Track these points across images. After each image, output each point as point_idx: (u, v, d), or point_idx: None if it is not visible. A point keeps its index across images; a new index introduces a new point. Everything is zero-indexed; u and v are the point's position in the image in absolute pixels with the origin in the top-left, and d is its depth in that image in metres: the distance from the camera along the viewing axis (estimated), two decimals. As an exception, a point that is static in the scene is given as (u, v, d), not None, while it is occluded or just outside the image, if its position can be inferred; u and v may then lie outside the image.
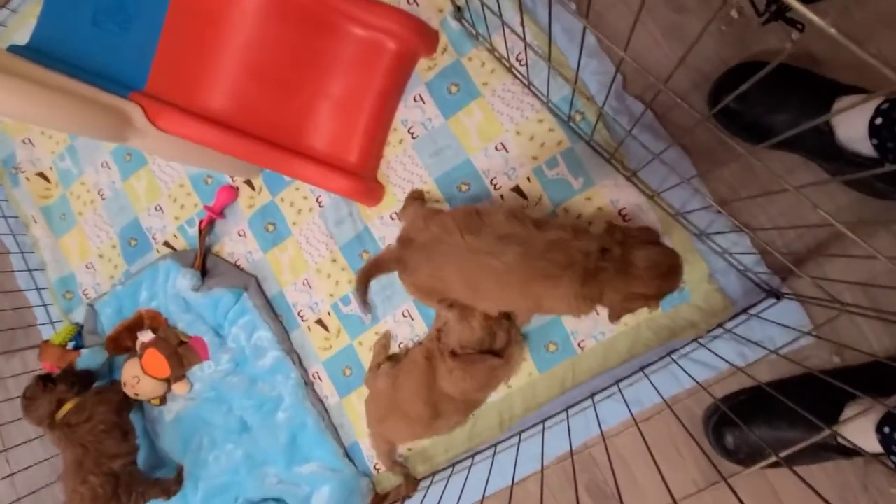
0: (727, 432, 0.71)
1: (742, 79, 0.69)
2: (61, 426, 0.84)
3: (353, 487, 0.87)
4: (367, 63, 0.82)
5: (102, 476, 0.82)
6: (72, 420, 0.84)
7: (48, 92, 0.65)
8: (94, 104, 0.70)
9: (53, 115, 0.67)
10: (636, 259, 0.62)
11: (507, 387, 0.83)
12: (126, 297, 0.99)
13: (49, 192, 1.11)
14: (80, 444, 0.82)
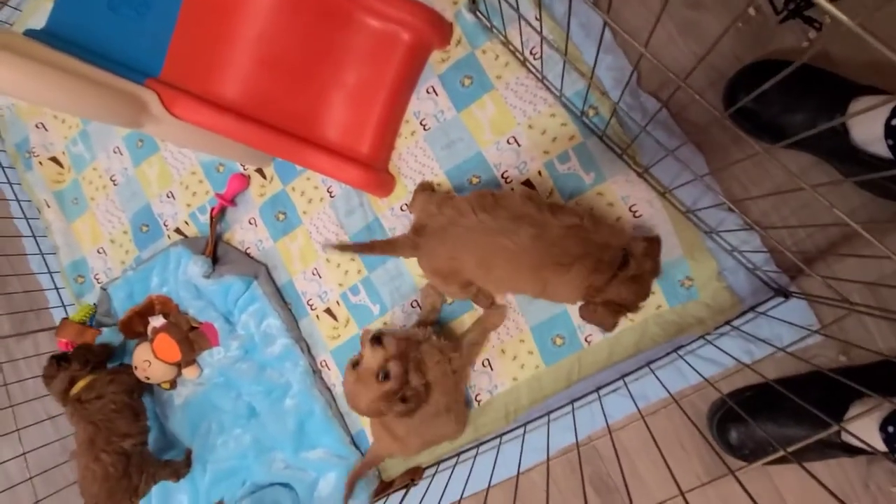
0: (731, 428, 0.72)
1: (757, 77, 0.69)
2: (73, 402, 0.85)
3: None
4: (380, 54, 0.82)
5: (114, 455, 0.83)
6: (83, 396, 0.85)
7: (65, 76, 0.66)
8: (110, 89, 0.71)
9: (69, 99, 0.68)
10: (646, 274, 0.63)
11: (513, 379, 0.83)
12: (137, 283, 1.00)
13: (62, 176, 1.11)
14: (92, 422, 0.84)
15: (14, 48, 0.63)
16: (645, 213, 0.76)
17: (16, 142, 1.14)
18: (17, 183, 1.15)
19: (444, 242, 0.69)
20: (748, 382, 0.75)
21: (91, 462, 0.83)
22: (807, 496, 0.73)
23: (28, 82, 0.64)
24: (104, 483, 0.83)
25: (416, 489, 0.85)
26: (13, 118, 1.15)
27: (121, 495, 0.85)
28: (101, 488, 0.83)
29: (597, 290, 0.63)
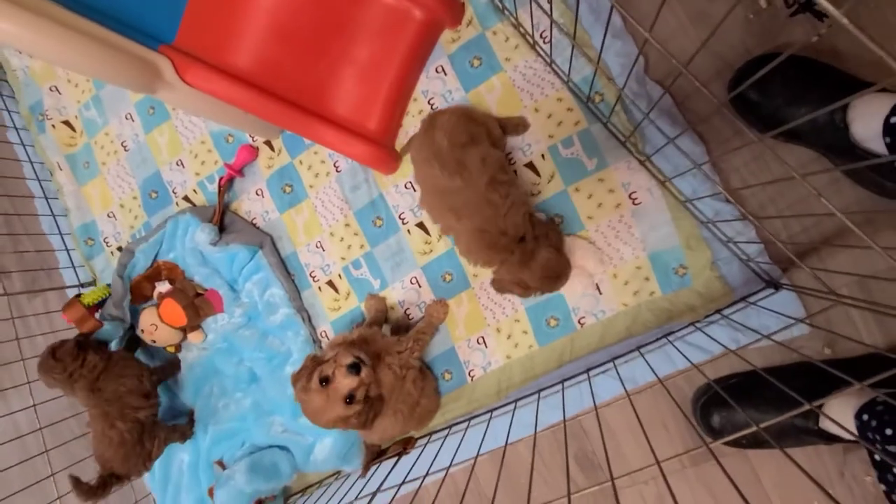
0: (714, 412, 0.74)
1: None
2: (89, 390, 0.87)
3: (353, 441, 0.91)
4: (392, 31, 0.82)
5: (129, 423, 0.87)
6: (103, 386, 0.88)
7: (82, 38, 0.67)
8: (126, 54, 0.72)
9: (84, 60, 0.69)
10: (539, 258, 0.69)
11: (506, 357, 0.86)
12: (146, 252, 1.02)
13: (74, 140, 1.13)
14: (105, 400, 0.87)
15: (30, 6, 0.64)
16: (644, 201, 0.77)
17: (30, 104, 1.16)
18: (30, 145, 1.17)
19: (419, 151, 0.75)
20: (733, 370, 0.77)
21: (107, 429, 0.86)
22: (784, 481, 0.76)
23: (46, 43, 0.65)
24: (120, 448, 0.87)
25: (408, 457, 0.88)
26: (27, 80, 1.16)
27: (135, 460, 0.89)
28: (116, 453, 0.87)
29: (494, 264, 0.72)
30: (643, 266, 0.78)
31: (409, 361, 0.78)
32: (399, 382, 0.75)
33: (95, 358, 0.88)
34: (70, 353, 0.87)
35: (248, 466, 0.90)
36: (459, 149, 0.70)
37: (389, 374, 0.74)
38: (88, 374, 0.86)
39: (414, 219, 0.89)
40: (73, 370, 0.86)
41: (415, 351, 0.80)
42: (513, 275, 0.70)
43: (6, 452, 1.02)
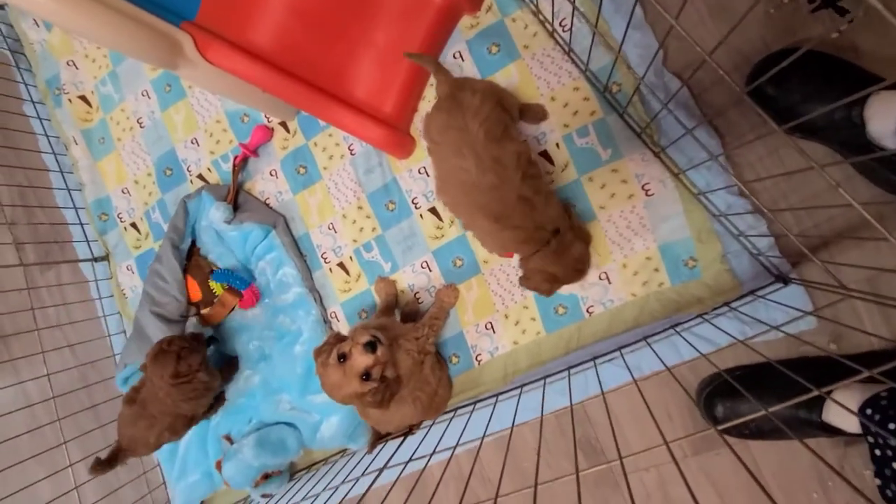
0: (718, 402, 0.75)
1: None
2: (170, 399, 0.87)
3: (359, 420, 0.93)
4: (411, 15, 0.83)
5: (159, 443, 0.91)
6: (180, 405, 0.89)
7: (109, 11, 0.68)
8: (149, 29, 0.73)
9: (112, 34, 0.69)
10: (574, 250, 0.68)
11: (513, 343, 0.87)
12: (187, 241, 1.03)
13: (90, 115, 1.14)
14: (162, 412, 0.88)
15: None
16: (657, 192, 0.78)
17: (47, 77, 1.17)
18: (46, 118, 1.18)
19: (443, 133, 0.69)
20: (738, 363, 0.78)
21: (140, 437, 0.89)
22: (784, 472, 0.77)
23: (71, 13, 0.65)
24: (143, 450, 0.91)
25: (413, 438, 0.90)
26: (45, 54, 1.16)
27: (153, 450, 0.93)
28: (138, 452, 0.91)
29: (523, 259, 0.70)
30: (653, 257, 0.79)
31: (426, 347, 0.80)
32: (417, 368, 0.77)
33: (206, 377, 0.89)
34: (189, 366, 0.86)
35: (256, 441, 0.91)
36: (496, 144, 0.65)
37: (408, 359, 0.76)
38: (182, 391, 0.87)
39: (427, 204, 0.90)
40: (183, 373, 0.85)
41: (430, 336, 0.81)
42: (545, 267, 0.68)
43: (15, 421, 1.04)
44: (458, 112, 0.66)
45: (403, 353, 0.76)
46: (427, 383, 0.80)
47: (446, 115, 0.68)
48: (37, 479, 0.98)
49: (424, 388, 0.80)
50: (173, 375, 0.83)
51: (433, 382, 0.81)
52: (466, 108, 0.66)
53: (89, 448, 1.08)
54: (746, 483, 0.80)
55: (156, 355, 0.84)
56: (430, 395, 0.80)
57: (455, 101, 0.68)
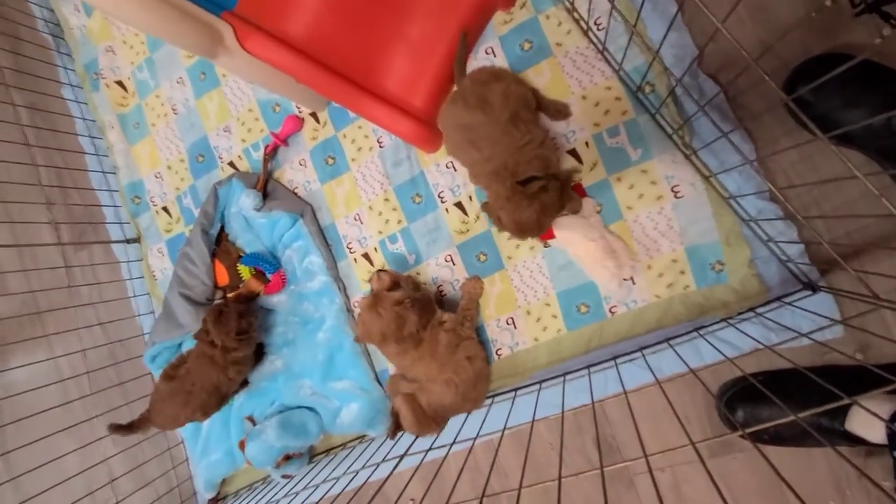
0: (739, 407, 0.75)
1: (823, 70, 0.69)
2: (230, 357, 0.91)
3: (379, 408, 0.95)
4: (445, 9, 0.83)
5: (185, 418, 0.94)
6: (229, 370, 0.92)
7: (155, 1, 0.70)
8: (191, 17, 0.75)
9: (156, 22, 0.71)
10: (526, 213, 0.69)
11: (534, 339, 0.88)
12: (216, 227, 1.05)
13: (126, 100, 1.17)
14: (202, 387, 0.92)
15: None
16: (686, 195, 0.77)
17: (85, 62, 1.20)
18: (83, 102, 1.21)
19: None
20: (760, 367, 0.78)
21: (171, 412, 0.92)
22: (801, 479, 0.77)
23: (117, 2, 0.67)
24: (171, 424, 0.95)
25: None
26: (84, 39, 1.20)
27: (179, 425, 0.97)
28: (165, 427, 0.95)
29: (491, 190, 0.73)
30: (679, 259, 0.79)
31: (461, 330, 0.83)
32: (451, 348, 0.80)
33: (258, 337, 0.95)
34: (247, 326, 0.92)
35: (279, 423, 0.94)
36: (481, 85, 0.74)
37: (444, 336, 0.80)
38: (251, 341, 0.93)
39: (453, 198, 0.91)
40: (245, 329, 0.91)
41: (465, 321, 0.84)
42: (495, 204, 0.71)
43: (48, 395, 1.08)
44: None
45: (440, 329, 0.82)
46: (463, 368, 0.82)
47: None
48: (65, 451, 1.02)
49: (460, 372, 0.82)
50: (238, 332, 0.89)
51: (470, 371, 0.82)
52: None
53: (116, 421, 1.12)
54: (762, 487, 0.80)
55: (218, 315, 0.89)
56: (468, 384, 0.82)
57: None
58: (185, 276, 1.02)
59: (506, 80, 0.76)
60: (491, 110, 0.72)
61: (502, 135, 0.71)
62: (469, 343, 0.83)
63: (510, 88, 0.74)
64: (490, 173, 0.72)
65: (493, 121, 0.71)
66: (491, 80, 0.75)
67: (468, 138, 0.74)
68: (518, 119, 0.72)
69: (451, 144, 0.81)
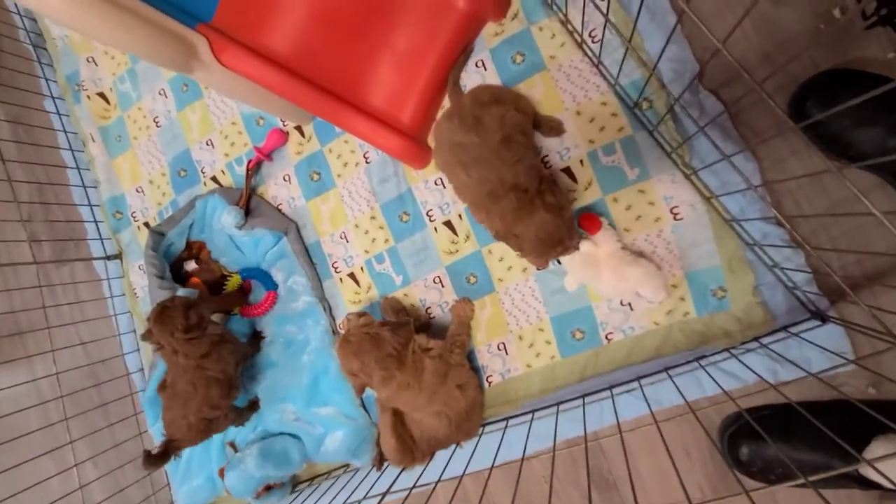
0: (743, 444, 0.71)
1: (832, 86, 0.65)
2: (191, 358, 0.81)
3: (365, 436, 0.91)
4: (433, 21, 0.79)
5: (201, 421, 0.85)
6: (206, 364, 0.83)
7: (121, 13, 0.66)
8: (163, 31, 0.71)
9: (124, 36, 0.67)
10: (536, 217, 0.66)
11: (526, 366, 0.84)
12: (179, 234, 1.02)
13: (108, 112, 1.14)
14: (192, 383, 0.83)
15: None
16: (686, 217, 0.73)
17: (67, 73, 1.17)
18: (65, 114, 1.18)
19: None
20: (766, 401, 0.73)
21: (179, 418, 0.84)
22: (810, 521, 0.72)
23: (79, 13, 0.63)
24: (187, 433, 0.85)
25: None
26: (66, 49, 1.16)
27: (199, 440, 0.88)
28: (184, 434, 0.86)
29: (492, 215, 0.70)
30: (679, 284, 0.74)
31: (450, 357, 0.78)
32: (439, 377, 0.76)
33: (214, 328, 0.84)
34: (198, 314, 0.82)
35: (260, 452, 0.90)
36: (479, 106, 0.71)
37: (430, 363, 0.75)
38: (202, 346, 0.81)
39: (442, 216, 0.87)
40: (192, 336, 0.80)
41: (454, 349, 0.79)
42: (507, 225, 0.68)
43: (28, 417, 1.05)
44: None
45: (425, 356, 0.76)
46: (454, 399, 0.77)
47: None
48: (47, 475, 0.99)
49: (451, 404, 0.77)
50: (185, 330, 0.79)
51: (462, 402, 0.78)
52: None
53: (97, 447, 1.09)
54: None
55: (159, 315, 0.79)
56: (460, 415, 0.77)
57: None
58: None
59: (506, 104, 0.72)
60: (484, 132, 0.69)
61: (493, 155, 0.68)
62: (459, 371, 0.79)
63: (507, 114, 0.70)
64: (487, 195, 0.68)
65: (484, 142, 0.68)
66: (491, 102, 0.72)
67: (459, 159, 0.70)
68: (510, 141, 0.69)
69: (442, 161, 0.78)
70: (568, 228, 0.67)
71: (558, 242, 0.67)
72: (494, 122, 0.69)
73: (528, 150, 0.71)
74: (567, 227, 0.67)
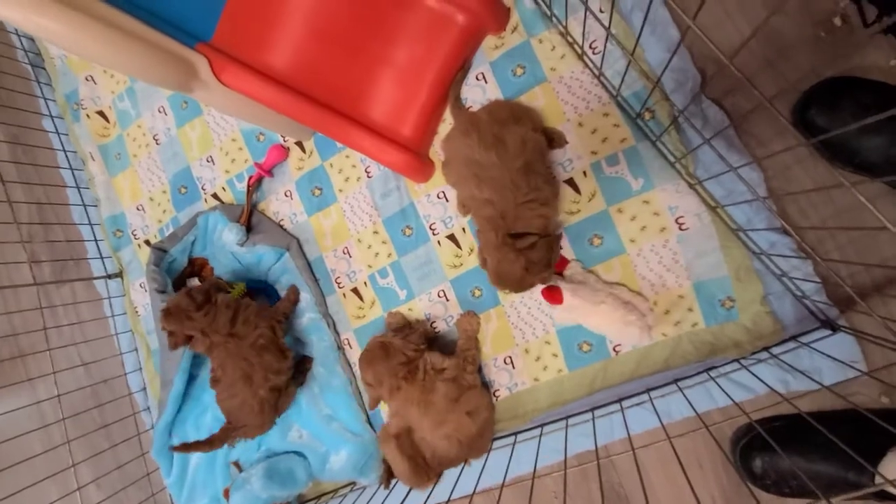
0: (756, 456, 0.70)
1: (835, 94, 0.65)
2: (227, 337, 0.79)
3: (371, 453, 0.89)
4: (433, 35, 0.79)
5: (271, 392, 0.82)
6: (240, 332, 0.80)
7: (115, 33, 0.66)
8: (163, 51, 0.71)
9: (118, 57, 0.67)
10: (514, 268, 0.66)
11: (534, 380, 0.83)
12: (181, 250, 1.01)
13: (107, 131, 1.13)
14: (241, 358, 0.80)
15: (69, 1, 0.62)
16: (692, 227, 0.72)
17: (66, 92, 1.16)
18: (64, 133, 1.17)
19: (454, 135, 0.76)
20: (778, 411, 0.72)
21: (249, 397, 0.81)
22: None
23: (77, 36, 0.63)
24: (260, 415, 0.82)
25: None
26: (64, 69, 1.16)
27: (270, 421, 0.86)
28: (255, 418, 0.83)
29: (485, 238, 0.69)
30: (686, 295, 0.74)
31: (463, 379, 0.77)
32: (450, 400, 0.75)
33: (225, 297, 0.82)
34: (202, 291, 0.80)
35: (265, 472, 0.89)
36: (499, 125, 0.70)
37: (442, 386, 0.75)
38: (223, 314, 0.79)
39: (445, 230, 0.86)
40: (208, 310, 0.78)
41: (466, 366, 0.78)
42: (482, 249, 0.69)
43: (31, 441, 1.04)
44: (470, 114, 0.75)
45: (437, 377, 0.76)
46: (465, 426, 0.76)
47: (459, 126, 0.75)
48: (51, 500, 0.97)
49: (461, 430, 0.76)
50: (197, 308, 0.77)
51: (472, 428, 0.76)
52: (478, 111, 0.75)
53: (100, 468, 1.08)
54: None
55: (166, 313, 0.78)
56: (470, 439, 0.76)
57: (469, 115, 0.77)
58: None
59: (525, 124, 0.72)
60: (505, 154, 0.67)
61: (510, 183, 0.66)
62: (471, 395, 0.77)
63: (528, 135, 0.70)
64: (486, 217, 0.68)
65: (505, 165, 0.67)
66: (510, 120, 0.71)
67: (476, 173, 0.69)
68: (530, 170, 0.67)
69: (455, 175, 0.76)
70: (525, 285, 0.69)
71: (511, 289, 0.70)
72: (516, 143, 0.68)
73: (546, 184, 0.69)
74: (525, 285, 0.69)
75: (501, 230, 0.65)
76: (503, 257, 0.65)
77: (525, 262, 0.65)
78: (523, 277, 0.66)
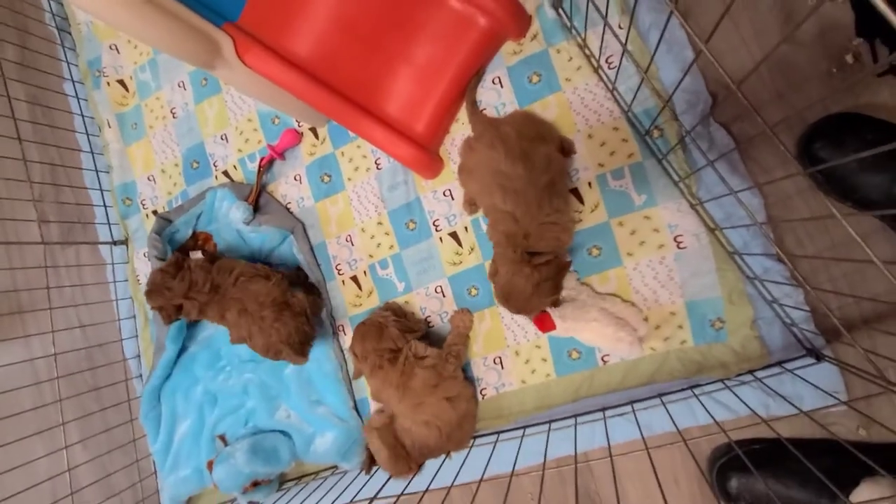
0: (732, 476, 0.71)
1: (841, 130, 0.66)
2: (211, 293, 0.81)
3: (355, 439, 0.91)
4: (454, 35, 0.81)
5: (272, 311, 0.81)
6: (219, 280, 0.82)
7: (149, 6, 0.67)
8: (189, 27, 0.72)
9: (151, 30, 0.68)
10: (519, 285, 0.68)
11: (521, 382, 0.84)
12: (186, 222, 1.03)
13: (126, 100, 1.15)
14: (233, 298, 0.81)
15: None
16: (689, 246, 0.74)
17: (89, 59, 1.18)
18: (84, 98, 1.19)
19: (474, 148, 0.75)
20: (757, 434, 0.74)
21: (252, 325, 0.81)
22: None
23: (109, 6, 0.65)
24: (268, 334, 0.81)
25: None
26: (90, 35, 1.18)
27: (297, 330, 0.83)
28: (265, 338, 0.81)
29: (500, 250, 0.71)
30: (678, 313, 0.75)
31: (443, 368, 0.79)
32: (429, 386, 0.77)
33: (197, 259, 0.85)
34: (171, 262, 0.83)
35: (250, 447, 0.90)
36: (527, 141, 0.70)
37: (423, 373, 0.78)
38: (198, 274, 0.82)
39: (448, 227, 0.88)
40: (183, 275, 0.81)
41: (449, 358, 0.80)
42: (498, 265, 0.70)
43: (21, 396, 1.05)
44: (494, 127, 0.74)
45: (417, 364, 0.79)
46: (444, 410, 0.78)
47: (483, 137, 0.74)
48: (37, 456, 0.98)
49: (440, 414, 0.77)
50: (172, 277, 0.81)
51: (452, 413, 0.78)
52: (501, 122, 0.75)
53: (88, 430, 1.09)
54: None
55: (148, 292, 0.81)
56: (450, 426, 0.78)
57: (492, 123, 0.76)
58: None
59: (550, 144, 0.73)
60: (532, 168, 0.68)
61: (535, 199, 0.67)
62: (451, 383, 0.79)
63: (554, 155, 0.72)
64: (504, 231, 0.69)
65: (532, 180, 0.67)
66: (537, 139, 0.72)
67: (501, 184, 0.68)
68: (553, 190, 0.69)
69: (479, 184, 0.75)
70: (531, 306, 0.71)
71: (516, 307, 0.71)
72: (542, 161, 0.69)
73: (566, 212, 0.71)
74: (531, 305, 0.70)
75: (520, 247, 0.67)
76: (518, 270, 0.67)
77: (537, 279, 0.66)
78: (532, 295, 0.67)
